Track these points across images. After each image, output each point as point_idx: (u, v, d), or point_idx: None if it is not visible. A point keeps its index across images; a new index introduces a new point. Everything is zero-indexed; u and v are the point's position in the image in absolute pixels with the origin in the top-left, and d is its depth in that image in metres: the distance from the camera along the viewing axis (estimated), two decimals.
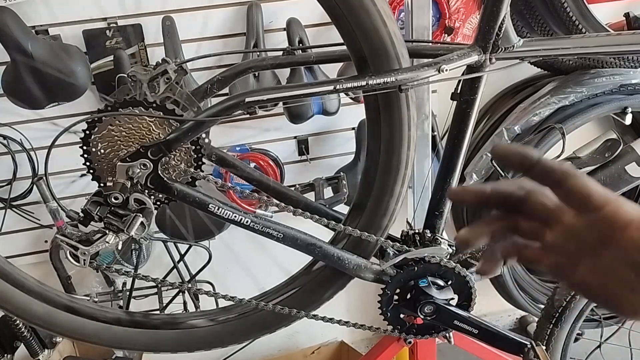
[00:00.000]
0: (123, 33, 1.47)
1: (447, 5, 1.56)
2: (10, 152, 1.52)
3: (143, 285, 1.73)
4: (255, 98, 0.86)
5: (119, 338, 1.03)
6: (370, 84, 0.84)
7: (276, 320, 1.07)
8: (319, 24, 1.56)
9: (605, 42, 0.96)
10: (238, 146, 1.65)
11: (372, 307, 1.15)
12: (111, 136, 0.88)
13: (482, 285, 1.16)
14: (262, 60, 1.16)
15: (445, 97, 1.17)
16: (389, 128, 0.91)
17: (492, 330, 1.10)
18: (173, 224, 1.55)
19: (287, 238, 0.97)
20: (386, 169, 0.94)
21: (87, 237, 0.90)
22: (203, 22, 1.51)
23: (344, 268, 1.01)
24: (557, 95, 1.56)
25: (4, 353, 1.50)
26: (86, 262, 0.89)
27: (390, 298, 1.07)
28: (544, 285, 1.96)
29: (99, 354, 1.74)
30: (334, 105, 1.56)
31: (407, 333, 1.12)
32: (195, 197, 0.92)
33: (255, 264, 1.79)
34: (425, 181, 1.56)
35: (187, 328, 1.07)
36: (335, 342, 2.04)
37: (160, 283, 1.02)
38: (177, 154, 0.90)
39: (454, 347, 1.19)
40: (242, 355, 1.88)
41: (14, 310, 0.99)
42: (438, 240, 1.05)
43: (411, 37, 1.38)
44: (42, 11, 1.42)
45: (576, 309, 1.16)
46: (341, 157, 1.75)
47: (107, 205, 0.87)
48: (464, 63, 0.90)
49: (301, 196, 1.10)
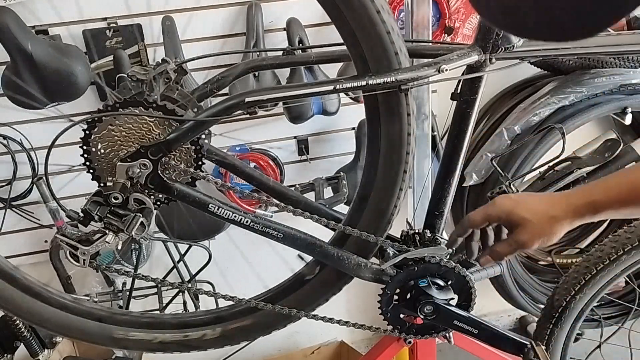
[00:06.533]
0: (123, 33, 1.47)
1: (447, 5, 1.56)
2: (10, 152, 1.52)
3: (143, 285, 1.73)
4: (255, 98, 0.86)
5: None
6: (370, 84, 0.84)
7: (276, 320, 1.07)
8: (319, 24, 1.56)
9: (605, 42, 0.96)
10: (238, 146, 1.65)
11: (372, 307, 1.15)
12: (111, 136, 0.88)
13: (482, 285, 1.16)
14: (262, 60, 1.16)
15: (445, 97, 1.17)
16: (388, 128, 0.91)
17: (492, 330, 1.10)
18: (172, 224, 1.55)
19: (287, 238, 0.97)
20: (386, 169, 0.94)
21: (87, 237, 0.90)
22: (203, 22, 1.51)
23: (344, 268, 1.01)
24: (557, 95, 1.56)
25: (4, 353, 1.50)
26: (86, 262, 0.89)
27: (390, 298, 1.07)
28: (544, 285, 1.96)
29: (99, 354, 1.74)
30: (334, 105, 1.56)
31: (407, 333, 1.12)
32: (195, 197, 0.92)
33: (255, 263, 1.79)
34: (425, 181, 1.56)
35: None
36: (335, 342, 2.04)
37: (160, 283, 1.02)
38: (177, 154, 0.90)
39: (454, 347, 1.19)
40: (242, 355, 1.88)
41: (15, 310, 0.99)
42: (438, 240, 1.05)
43: (411, 37, 1.38)
44: (42, 11, 1.42)
45: (576, 309, 1.16)
46: (341, 157, 1.74)
47: (107, 205, 0.87)
48: (464, 63, 0.90)
49: (301, 196, 1.10)
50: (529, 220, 0.84)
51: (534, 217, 0.83)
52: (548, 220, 0.83)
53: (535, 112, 1.57)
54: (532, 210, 0.84)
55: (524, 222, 0.84)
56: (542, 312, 1.23)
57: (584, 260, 1.16)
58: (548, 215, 0.83)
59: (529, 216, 0.84)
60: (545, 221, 0.83)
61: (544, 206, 0.84)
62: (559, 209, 0.82)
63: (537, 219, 0.83)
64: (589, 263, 1.14)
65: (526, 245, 0.85)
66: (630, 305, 1.82)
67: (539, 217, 0.83)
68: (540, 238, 0.84)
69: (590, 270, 1.13)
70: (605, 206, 0.79)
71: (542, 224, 0.83)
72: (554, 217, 0.82)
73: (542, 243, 0.85)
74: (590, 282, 1.13)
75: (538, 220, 0.83)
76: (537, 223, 0.83)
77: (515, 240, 0.86)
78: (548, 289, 1.93)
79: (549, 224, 0.83)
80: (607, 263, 1.11)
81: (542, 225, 0.83)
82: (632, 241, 1.09)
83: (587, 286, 1.14)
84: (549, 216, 0.82)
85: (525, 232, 0.84)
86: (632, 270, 1.13)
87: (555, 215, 0.82)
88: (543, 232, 0.83)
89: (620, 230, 1.14)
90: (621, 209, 0.78)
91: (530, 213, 0.84)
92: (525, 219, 0.84)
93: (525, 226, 0.84)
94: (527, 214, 0.84)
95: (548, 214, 0.83)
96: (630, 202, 0.76)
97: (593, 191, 0.80)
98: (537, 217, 0.83)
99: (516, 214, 0.85)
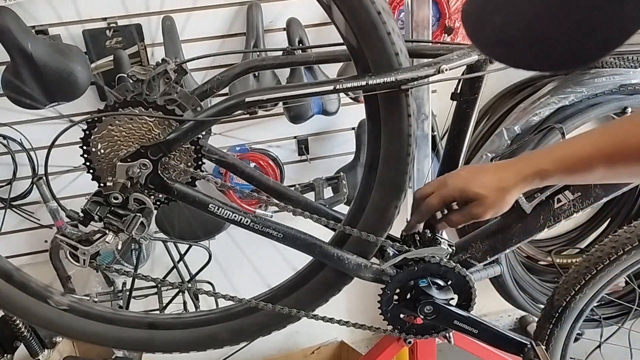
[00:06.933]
0: (123, 33, 1.47)
1: (447, 5, 1.56)
2: (10, 152, 1.52)
3: (143, 285, 1.73)
4: (255, 98, 0.86)
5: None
6: (370, 84, 0.84)
7: (276, 320, 1.07)
8: (319, 24, 1.56)
9: None
10: (238, 146, 1.65)
11: (372, 307, 1.15)
12: (111, 136, 0.88)
13: (482, 285, 1.16)
14: (262, 60, 1.16)
15: (445, 97, 1.17)
16: (389, 128, 0.91)
17: (492, 330, 1.10)
18: (172, 224, 1.55)
19: (287, 238, 0.97)
20: (386, 169, 0.94)
21: (87, 237, 0.90)
22: (203, 22, 1.51)
23: (344, 268, 1.01)
24: (557, 95, 1.56)
25: (4, 353, 1.49)
26: (86, 262, 0.89)
27: (390, 298, 1.07)
28: (544, 285, 1.96)
29: (99, 354, 1.74)
30: (334, 105, 1.56)
31: (407, 333, 1.12)
32: (195, 197, 0.92)
33: (255, 263, 1.79)
34: (425, 181, 1.56)
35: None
36: (335, 342, 2.04)
37: (160, 283, 1.02)
38: (177, 154, 0.90)
39: (454, 347, 1.19)
40: (242, 355, 1.88)
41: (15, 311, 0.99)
42: (438, 240, 1.05)
43: (411, 37, 1.38)
44: (42, 11, 1.42)
45: (576, 309, 1.16)
46: (341, 157, 1.74)
47: (107, 205, 0.87)
48: (464, 63, 0.90)
49: (301, 196, 1.10)
50: (482, 194, 0.90)
51: (486, 191, 0.89)
52: (500, 192, 0.89)
53: (535, 112, 1.57)
54: (484, 185, 0.90)
55: (477, 196, 0.90)
56: (542, 312, 1.23)
57: (584, 260, 1.16)
58: (499, 187, 0.89)
59: (481, 191, 0.90)
60: (498, 193, 0.89)
61: (494, 179, 0.89)
62: (508, 180, 0.88)
63: (489, 192, 0.89)
64: (589, 263, 1.14)
65: (480, 216, 0.92)
66: (630, 305, 1.82)
67: (490, 191, 0.89)
68: (493, 209, 0.91)
69: (590, 270, 1.13)
70: (551, 174, 0.84)
71: (494, 197, 0.89)
72: (504, 189, 0.89)
73: (494, 213, 0.91)
74: (590, 282, 1.13)
75: (490, 193, 0.89)
76: (489, 196, 0.89)
77: (469, 212, 0.93)
78: (548, 289, 1.93)
79: (501, 195, 0.89)
80: (607, 263, 1.11)
81: (495, 197, 0.89)
82: (632, 241, 1.09)
83: (587, 286, 1.14)
84: (500, 188, 0.89)
85: (479, 206, 0.91)
86: (632, 270, 1.13)
87: (505, 187, 0.88)
88: (495, 203, 0.90)
89: (620, 230, 1.14)
90: (566, 177, 0.84)
91: (482, 188, 0.90)
92: (478, 194, 0.90)
93: (479, 200, 0.91)
94: (480, 189, 0.90)
95: (499, 186, 0.89)
96: (575, 171, 0.81)
97: (541, 160, 0.85)
98: (488, 190, 0.89)
99: (469, 190, 0.91)
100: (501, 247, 1.07)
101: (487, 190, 0.89)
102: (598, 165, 0.77)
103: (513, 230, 1.05)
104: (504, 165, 0.91)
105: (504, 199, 0.89)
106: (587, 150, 0.78)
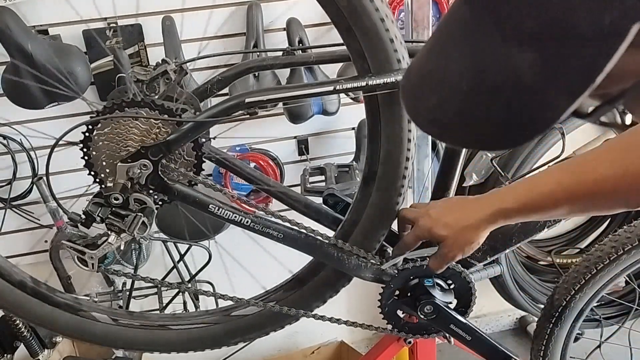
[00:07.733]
0: (123, 33, 1.47)
1: (447, 5, 1.56)
2: (10, 152, 1.51)
3: (143, 285, 1.73)
4: (256, 98, 0.86)
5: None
6: (370, 84, 0.84)
7: (276, 320, 1.07)
8: (319, 24, 1.56)
9: None
10: (238, 146, 1.65)
11: (372, 307, 1.15)
12: (111, 137, 0.88)
13: (482, 285, 1.16)
14: (262, 60, 1.16)
15: None
16: (389, 128, 0.91)
17: (485, 339, 1.10)
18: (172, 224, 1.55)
19: (287, 238, 0.97)
20: (386, 169, 0.94)
21: (93, 241, 0.90)
22: (203, 22, 1.51)
23: (344, 268, 1.01)
24: None
25: (4, 353, 1.50)
26: (95, 265, 0.89)
27: (392, 292, 1.07)
28: (544, 285, 1.96)
29: (99, 354, 1.74)
30: (334, 105, 1.56)
31: (399, 330, 1.12)
32: (196, 198, 0.92)
33: (256, 263, 1.79)
34: (425, 181, 1.56)
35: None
36: (335, 342, 2.04)
37: (160, 284, 1.02)
38: (177, 155, 0.90)
39: (453, 347, 1.19)
40: (242, 355, 1.88)
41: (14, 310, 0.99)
42: None
43: (411, 37, 1.38)
44: (42, 11, 1.41)
45: (576, 309, 1.16)
46: (341, 157, 1.74)
47: (109, 206, 0.87)
48: None
49: (301, 196, 1.10)
50: (446, 236, 0.90)
51: (449, 232, 0.90)
52: (464, 231, 0.89)
53: None
54: (448, 226, 0.90)
55: (442, 238, 0.91)
56: (542, 312, 1.23)
57: (584, 260, 1.16)
58: (462, 227, 0.88)
59: (445, 232, 0.90)
60: (462, 234, 0.89)
61: (457, 218, 0.89)
62: (470, 219, 0.88)
63: (453, 233, 0.89)
64: (589, 263, 1.14)
65: (450, 257, 0.92)
66: (630, 305, 1.82)
67: (454, 232, 0.89)
68: (461, 249, 0.90)
69: (590, 270, 1.13)
70: (514, 213, 0.83)
71: (458, 237, 0.89)
72: (467, 227, 0.88)
73: (465, 252, 0.91)
74: (590, 282, 1.13)
75: (454, 234, 0.89)
76: (453, 237, 0.90)
77: (440, 255, 0.93)
78: (548, 289, 1.93)
79: (465, 234, 0.89)
80: (607, 263, 1.12)
81: (459, 238, 0.89)
82: (632, 241, 1.09)
83: (587, 286, 1.14)
84: (463, 227, 0.88)
85: (446, 247, 0.91)
86: (632, 270, 1.14)
87: (467, 225, 0.88)
88: (462, 243, 0.90)
89: (620, 230, 1.14)
90: (531, 214, 0.82)
91: (447, 229, 0.90)
92: (442, 236, 0.90)
93: (444, 242, 0.91)
94: (444, 231, 0.90)
95: (462, 225, 0.88)
96: (539, 208, 0.79)
97: (504, 198, 0.84)
98: (452, 231, 0.89)
99: (435, 232, 0.91)
100: (501, 247, 1.07)
101: (451, 230, 0.89)
102: (562, 201, 0.74)
103: (513, 230, 1.05)
104: (468, 202, 0.91)
105: (469, 239, 0.89)
106: (550, 187, 0.76)
